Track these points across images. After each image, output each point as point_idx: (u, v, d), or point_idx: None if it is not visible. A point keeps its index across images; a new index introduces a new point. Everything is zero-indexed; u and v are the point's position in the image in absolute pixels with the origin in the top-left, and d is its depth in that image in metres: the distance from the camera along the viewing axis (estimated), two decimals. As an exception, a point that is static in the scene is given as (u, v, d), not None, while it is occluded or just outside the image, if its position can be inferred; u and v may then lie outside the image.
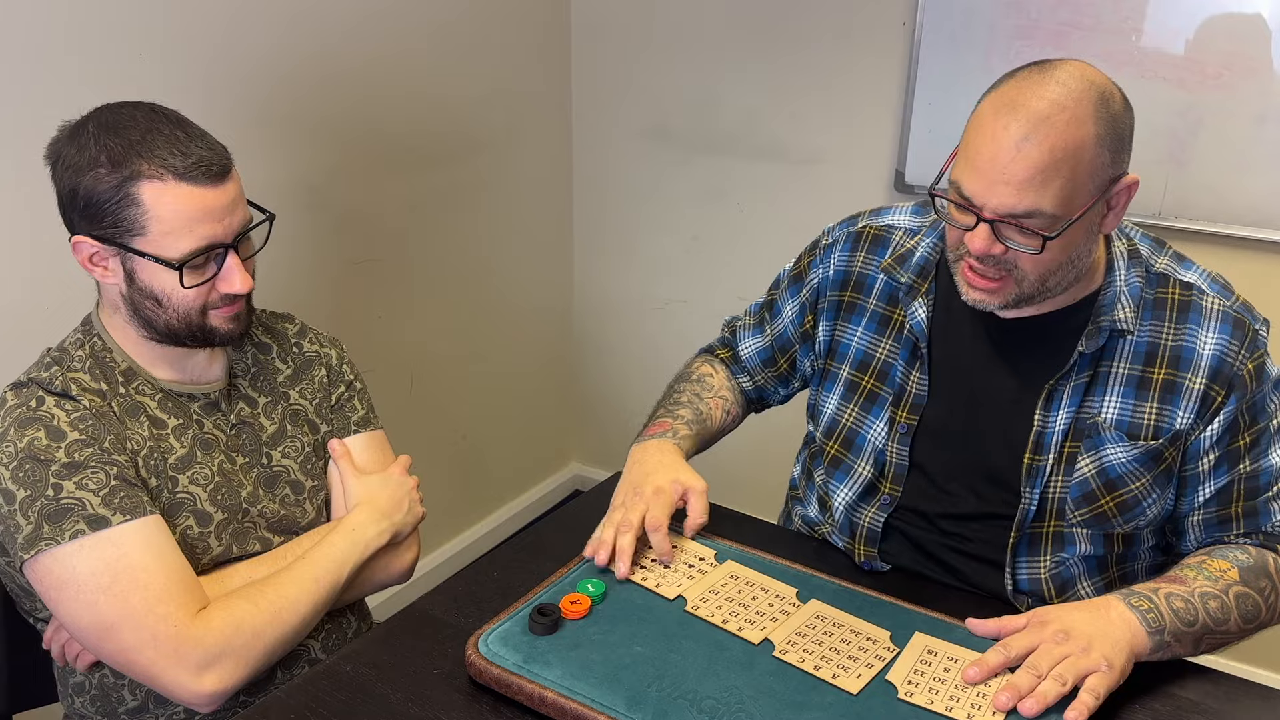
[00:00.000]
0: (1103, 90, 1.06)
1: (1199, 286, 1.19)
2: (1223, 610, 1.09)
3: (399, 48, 2.14)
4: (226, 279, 1.15)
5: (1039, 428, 1.20)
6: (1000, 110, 1.06)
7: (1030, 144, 1.03)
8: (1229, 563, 1.13)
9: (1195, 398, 1.16)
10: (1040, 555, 1.24)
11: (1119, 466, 1.18)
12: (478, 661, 1.06)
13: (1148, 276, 1.19)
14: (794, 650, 1.08)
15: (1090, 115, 1.04)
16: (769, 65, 2.36)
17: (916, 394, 1.27)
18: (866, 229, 1.35)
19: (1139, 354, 1.18)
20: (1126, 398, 1.18)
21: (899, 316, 1.29)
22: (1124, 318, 1.16)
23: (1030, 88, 1.06)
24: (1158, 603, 1.07)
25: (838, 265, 1.35)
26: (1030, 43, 2.02)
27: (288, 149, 1.95)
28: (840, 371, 1.35)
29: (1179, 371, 1.16)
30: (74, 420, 1.11)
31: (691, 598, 1.15)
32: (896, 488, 1.30)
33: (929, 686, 1.03)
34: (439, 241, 2.37)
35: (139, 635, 1.07)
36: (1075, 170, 1.04)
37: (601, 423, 2.95)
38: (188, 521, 1.17)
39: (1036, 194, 1.04)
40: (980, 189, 1.07)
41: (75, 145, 1.09)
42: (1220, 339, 1.16)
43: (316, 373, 1.34)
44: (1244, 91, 1.88)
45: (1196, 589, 1.10)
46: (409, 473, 1.36)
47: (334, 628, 1.29)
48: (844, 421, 1.34)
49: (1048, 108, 1.04)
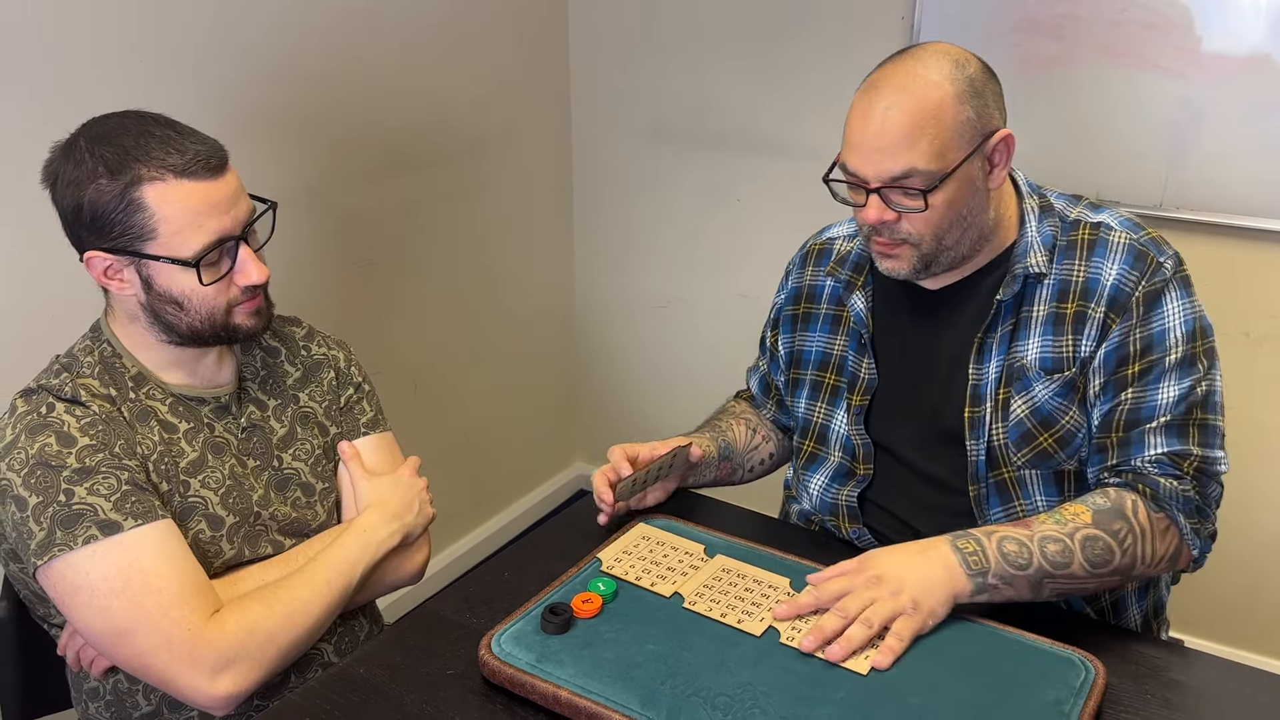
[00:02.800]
0: (956, 57, 1.16)
1: (1107, 224, 1.24)
2: (1064, 554, 1.11)
3: (397, 49, 2.14)
4: (243, 271, 1.15)
5: (974, 380, 1.26)
6: (866, 91, 1.18)
7: (893, 110, 1.13)
8: (1085, 506, 1.15)
9: (1097, 325, 1.21)
10: (1012, 501, 1.27)
11: (1047, 404, 1.23)
12: (491, 661, 1.06)
13: (1062, 225, 1.25)
14: (800, 636, 1.09)
15: (946, 77, 1.14)
16: (768, 62, 2.36)
17: (868, 379, 1.35)
18: (812, 247, 1.47)
19: (1054, 293, 1.23)
20: (1045, 335, 1.23)
21: (846, 314, 1.38)
22: (1036, 262, 1.23)
23: (889, 68, 1.18)
24: (985, 545, 1.11)
25: (792, 285, 1.46)
26: (1028, 35, 2.03)
27: (287, 152, 1.96)
28: (805, 376, 1.43)
29: (1086, 302, 1.22)
30: (84, 426, 1.11)
31: (688, 594, 1.16)
32: (868, 467, 1.36)
33: None
34: (440, 242, 2.37)
35: (153, 640, 1.07)
36: (940, 126, 1.13)
37: (605, 421, 2.95)
38: (199, 525, 1.18)
39: (908, 154, 1.13)
40: (860, 162, 1.17)
41: (71, 162, 1.09)
42: (1122, 269, 1.20)
43: (325, 375, 1.34)
44: (1243, 81, 1.88)
45: (1038, 533, 1.12)
46: (419, 474, 1.36)
47: (346, 630, 1.29)
48: (815, 419, 1.42)
49: (904, 78, 1.15)
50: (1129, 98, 1.97)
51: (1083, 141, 2.04)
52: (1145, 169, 2.00)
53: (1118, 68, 1.97)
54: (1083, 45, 1.99)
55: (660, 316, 2.75)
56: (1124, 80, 1.97)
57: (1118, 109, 1.98)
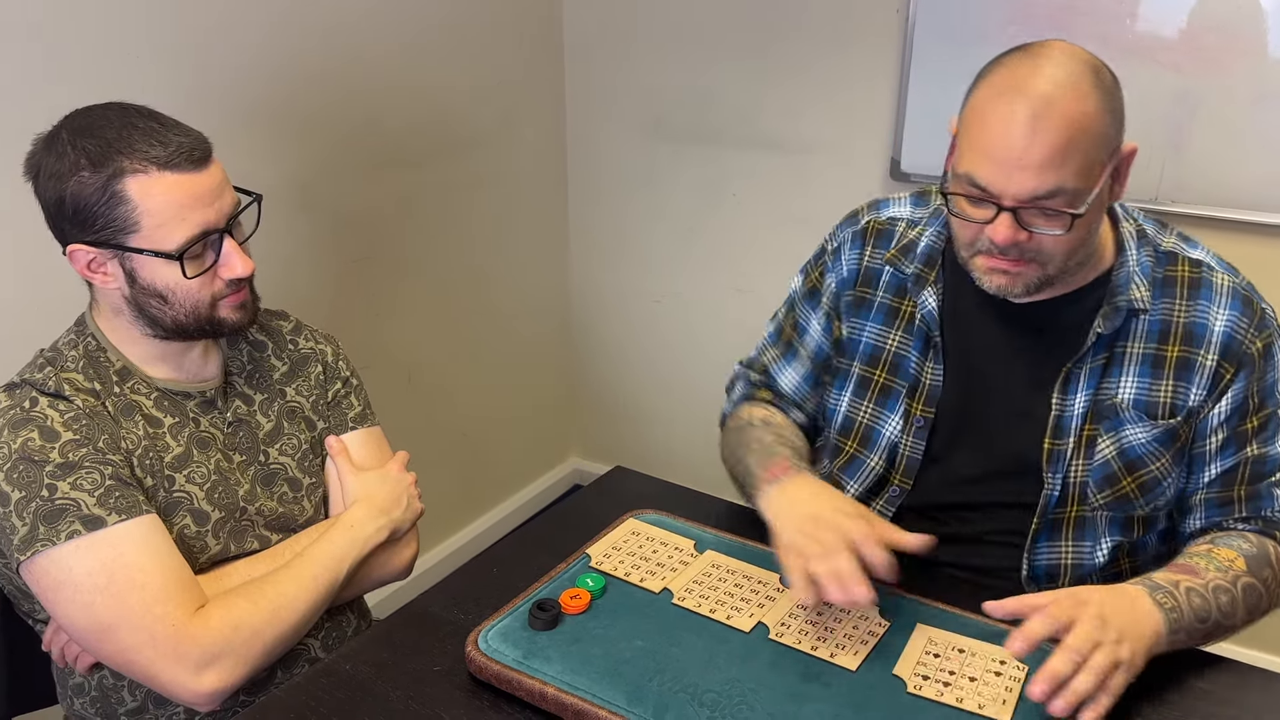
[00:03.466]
0: (1092, 64, 1.07)
1: (1208, 263, 1.19)
2: (1232, 604, 1.08)
3: (392, 45, 2.13)
4: (227, 264, 1.14)
5: (1057, 411, 1.19)
6: (1002, 95, 1.05)
7: (1043, 123, 1.02)
8: (1235, 552, 1.12)
9: (1207, 374, 1.16)
10: (1061, 541, 1.23)
11: (1139, 447, 1.18)
12: (478, 658, 1.05)
13: (1156, 255, 1.19)
14: (789, 633, 1.08)
15: (1090, 88, 1.04)
16: (762, 56, 2.35)
17: (932, 385, 1.26)
18: (870, 223, 1.33)
19: (1153, 332, 1.17)
20: (1143, 377, 1.17)
21: (908, 307, 1.28)
22: (1140, 296, 1.16)
23: (1026, 71, 1.05)
24: (1179, 600, 1.05)
25: (850, 264, 1.33)
26: (1024, 27, 2.01)
27: (283, 148, 1.95)
28: (851, 368, 1.32)
29: (1192, 348, 1.16)
30: (68, 420, 1.10)
31: (676, 589, 1.15)
32: (907, 480, 1.28)
33: (939, 679, 1.03)
34: (435, 237, 2.36)
35: (137, 635, 1.06)
36: (1089, 143, 1.04)
37: (601, 416, 2.94)
38: (185, 520, 1.17)
39: (1058, 172, 1.03)
40: (998, 178, 1.05)
41: (53, 154, 1.08)
42: (1231, 315, 1.16)
43: (313, 369, 1.33)
44: (1240, 75, 1.87)
45: (1210, 582, 1.08)
46: (407, 468, 1.35)
47: (333, 626, 1.28)
48: (860, 419, 1.31)
49: (1050, 87, 1.03)
50: (1126, 91, 1.95)
51: (1079, 135, 2.03)
52: (1142, 162, 1.97)
53: (1114, 60, 1.94)
54: (1079, 38, 1.94)
55: (656, 311, 2.74)
56: (1121, 73, 1.93)
57: (1114, 102, 1.97)
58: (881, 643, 1.08)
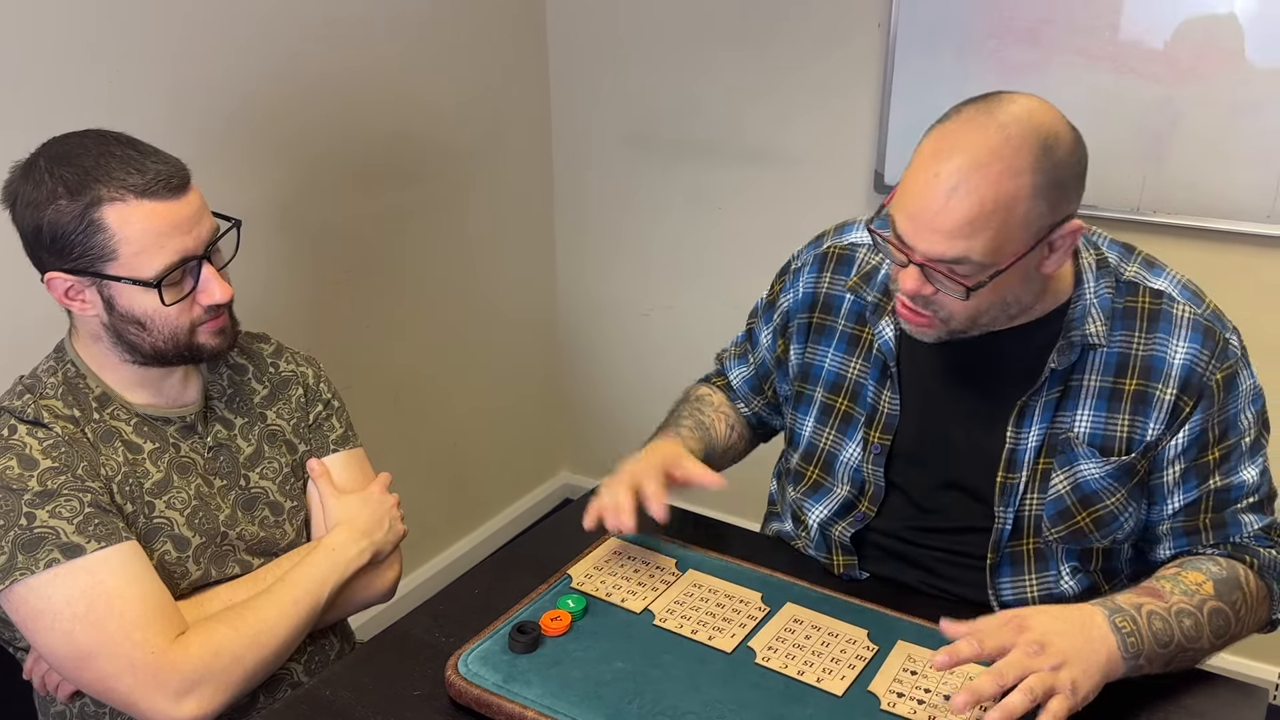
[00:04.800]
0: (1046, 136, 1.02)
1: (1169, 294, 1.16)
2: (1196, 628, 1.07)
3: (371, 58, 2.13)
4: (206, 290, 1.14)
5: (1011, 445, 1.19)
6: (938, 154, 1.03)
7: (958, 195, 1.01)
8: (1204, 575, 1.11)
9: (1165, 408, 1.14)
10: (1024, 574, 1.22)
11: (1093, 482, 1.17)
12: (457, 682, 1.05)
13: (1117, 285, 1.17)
14: (776, 656, 1.08)
15: (1028, 166, 1.01)
16: (746, 69, 2.36)
17: (889, 414, 1.26)
18: (831, 249, 1.34)
19: (1110, 365, 1.16)
20: (1099, 410, 1.16)
21: (868, 335, 1.28)
22: (1095, 331, 1.14)
23: (970, 131, 1.02)
24: (1139, 624, 1.03)
25: (805, 288, 1.34)
26: (1004, 41, 2.02)
27: (259, 168, 1.94)
28: (814, 394, 1.33)
29: (1150, 382, 1.14)
30: (46, 448, 1.10)
31: (659, 610, 1.15)
32: (873, 507, 1.29)
33: (913, 696, 1.03)
34: (420, 254, 2.36)
35: (116, 663, 1.06)
36: (1006, 222, 1.02)
37: (591, 430, 2.94)
38: (165, 546, 1.16)
39: (966, 243, 1.02)
40: (910, 232, 1.05)
41: (30, 182, 1.08)
42: (1191, 348, 1.13)
43: (294, 392, 1.33)
44: (1219, 85, 1.88)
45: (1174, 605, 1.07)
46: (389, 490, 1.35)
47: (316, 649, 1.28)
48: (822, 445, 1.32)
49: (984, 156, 1.00)
50: (1106, 103, 1.97)
51: (1060, 146, 2.04)
52: (1123, 173, 2.00)
53: (1094, 73, 1.97)
54: (1059, 51, 1.99)
55: (645, 324, 2.74)
56: (1100, 85, 1.97)
57: (1095, 114, 1.98)
58: (868, 667, 1.07)
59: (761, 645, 1.10)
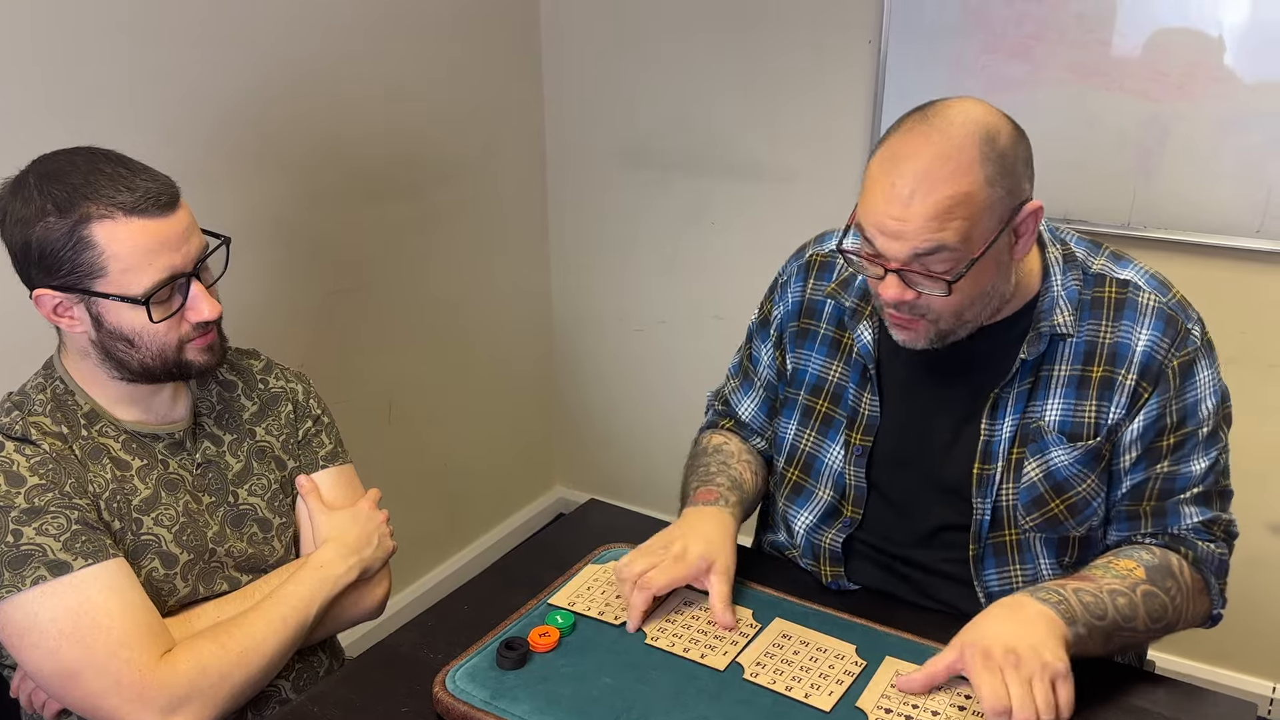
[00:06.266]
0: (986, 129, 1.07)
1: (1135, 283, 1.20)
2: (1130, 607, 1.10)
3: (366, 74, 2.14)
4: (194, 307, 1.14)
5: (986, 436, 1.22)
6: (886, 168, 1.07)
7: (918, 197, 1.05)
8: (1135, 562, 1.14)
9: (1127, 393, 1.17)
10: (1009, 566, 1.24)
11: (1064, 469, 1.19)
12: (445, 699, 1.05)
13: (1085, 278, 1.20)
14: (764, 672, 1.08)
15: (975, 159, 1.05)
16: (740, 85, 2.37)
17: (869, 416, 1.28)
18: (814, 257, 1.37)
19: (1078, 354, 1.19)
20: (1068, 399, 1.19)
21: (847, 340, 1.31)
22: (1063, 321, 1.18)
23: (914, 140, 1.07)
24: (1066, 596, 1.07)
25: (794, 297, 1.37)
26: (995, 57, 2.03)
27: (251, 183, 1.95)
28: (797, 398, 1.35)
29: (1114, 368, 1.18)
30: (34, 465, 1.10)
31: (650, 629, 1.15)
32: (858, 510, 1.30)
33: (901, 712, 1.03)
34: (415, 269, 2.36)
35: (103, 681, 1.06)
36: (970, 210, 1.05)
37: (585, 445, 2.94)
38: (153, 563, 1.16)
39: (938, 234, 1.06)
40: (881, 239, 1.08)
41: (19, 199, 1.09)
42: (1153, 335, 1.17)
43: (283, 408, 1.33)
44: (1208, 101, 1.89)
45: (1105, 585, 1.10)
46: (379, 506, 1.35)
47: (305, 666, 1.28)
48: (802, 447, 1.34)
49: (933, 160, 1.05)
50: (1096, 118, 1.98)
51: (1050, 162, 2.01)
52: (1112, 188, 2.01)
53: (1084, 89, 1.98)
54: (1049, 67, 2.00)
55: (639, 339, 2.74)
56: (1090, 100, 1.98)
57: (1085, 130, 1.99)
58: (856, 682, 1.07)
59: (749, 661, 1.10)
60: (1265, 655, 2.19)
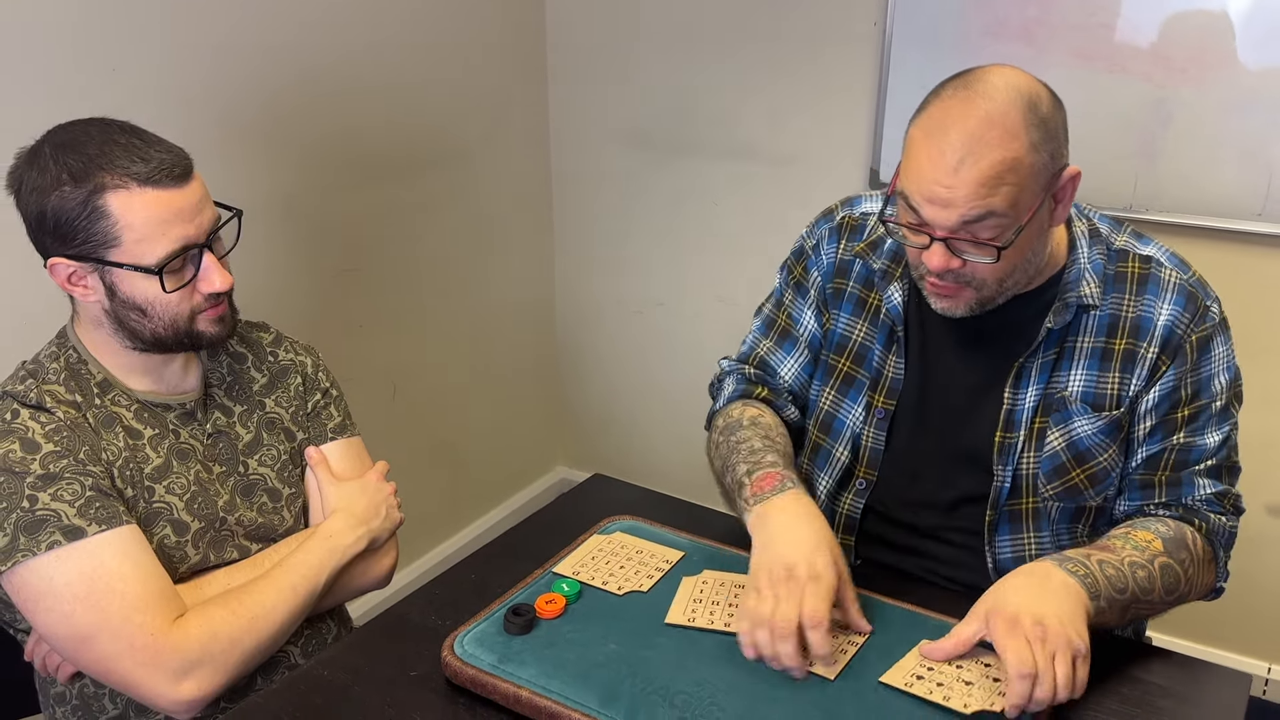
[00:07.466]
0: (1029, 95, 1.08)
1: (1157, 259, 1.22)
2: (1149, 580, 1.11)
3: (374, 56, 2.15)
4: (206, 278, 1.16)
5: (1009, 405, 1.23)
6: (932, 134, 1.08)
7: (967, 165, 1.05)
8: (1153, 534, 1.16)
9: (1147, 365, 1.19)
10: (1022, 533, 1.26)
11: (1086, 439, 1.21)
12: (453, 663, 1.07)
13: (1108, 253, 1.22)
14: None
15: (1021, 125, 1.06)
16: (744, 67, 2.38)
17: (893, 378, 1.29)
18: (845, 219, 1.37)
19: (1102, 327, 1.21)
20: (1090, 370, 1.21)
21: (874, 300, 1.31)
22: (1089, 293, 1.20)
23: (958, 107, 1.07)
24: (1091, 569, 1.08)
25: (828, 257, 1.36)
26: (999, 40, 2.04)
27: (264, 160, 1.96)
28: (825, 358, 1.36)
29: (1137, 341, 1.20)
30: (49, 432, 1.12)
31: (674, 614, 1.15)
32: (872, 472, 1.31)
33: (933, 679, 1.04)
34: (420, 248, 2.38)
35: (116, 644, 1.08)
36: (1017, 179, 1.06)
37: (587, 425, 2.96)
38: (165, 531, 1.18)
39: (986, 201, 1.06)
40: (928, 210, 1.09)
41: (35, 169, 1.10)
42: (1174, 309, 1.19)
43: (292, 381, 1.35)
44: (1212, 84, 1.90)
45: (1125, 558, 1.11)
46: (387, 478, 1.37)
47: (313, 633, 1.30)
48: (823, 405, 1.35)
49: (979, 127, 1.05)
50: (1099, 101, 1.99)
51: (1054, 144, 2.05)
52: (1116, 171, 2.02)
53: (1088, 71, 1.99)
54: (1053, 49, 2.01)
55: (641, 320, 2.76)
56: (1094, 83, 1.98)
57: (1088, 112, 2.00)
58: (860, 652, 1.09)
59: None
60: (1260, 636, 2.21)
